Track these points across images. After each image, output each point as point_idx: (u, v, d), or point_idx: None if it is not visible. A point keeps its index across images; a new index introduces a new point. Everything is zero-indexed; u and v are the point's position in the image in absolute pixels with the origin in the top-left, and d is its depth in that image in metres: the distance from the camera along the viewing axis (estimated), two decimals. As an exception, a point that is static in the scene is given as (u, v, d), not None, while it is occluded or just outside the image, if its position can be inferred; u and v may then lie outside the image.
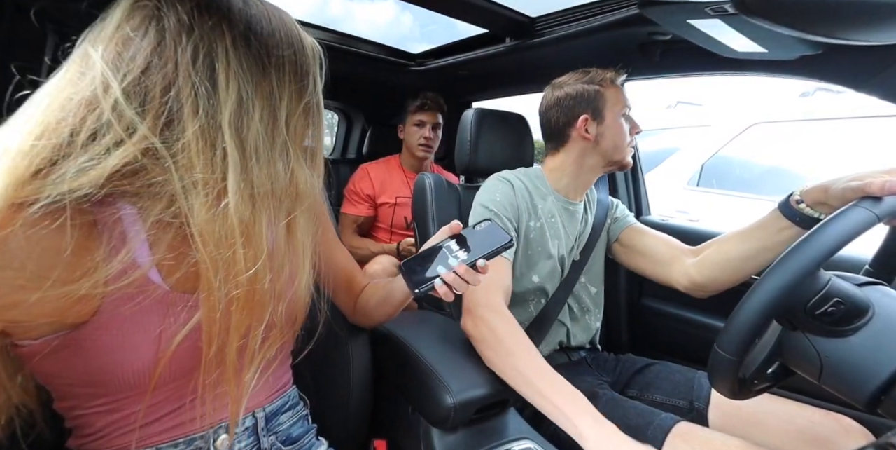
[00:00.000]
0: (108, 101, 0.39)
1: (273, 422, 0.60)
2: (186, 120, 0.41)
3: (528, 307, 1.02)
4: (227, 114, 0.42)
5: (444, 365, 0.75)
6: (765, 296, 0.53)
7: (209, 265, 0.42)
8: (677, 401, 0.92)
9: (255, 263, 0.44)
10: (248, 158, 0.44)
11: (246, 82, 0.43)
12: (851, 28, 0.62)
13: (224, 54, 0.42)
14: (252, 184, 0.44)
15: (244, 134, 0.43)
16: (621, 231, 1.09)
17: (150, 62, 0.40)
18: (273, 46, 0.46)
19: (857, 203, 0.56)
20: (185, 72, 0.41)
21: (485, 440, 0.71)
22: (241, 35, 0.43)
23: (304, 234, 0.52)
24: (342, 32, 1.56)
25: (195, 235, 0.41)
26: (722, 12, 0.71)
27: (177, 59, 0.40)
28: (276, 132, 0.46)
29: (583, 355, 1.08)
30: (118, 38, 0.41)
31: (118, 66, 0.40)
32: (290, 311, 0.54)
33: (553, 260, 1.00)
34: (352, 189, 1.83)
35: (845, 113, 2.27)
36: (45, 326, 0.41)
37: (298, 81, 0.48)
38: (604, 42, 1.13)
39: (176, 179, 0.40)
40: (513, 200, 0.97)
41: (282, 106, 0.47)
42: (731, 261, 0.83)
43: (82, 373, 0.44)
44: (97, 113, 0.39)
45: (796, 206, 0.72)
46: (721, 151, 2.67)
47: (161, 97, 0.40)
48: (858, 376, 0.51)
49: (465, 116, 1.18)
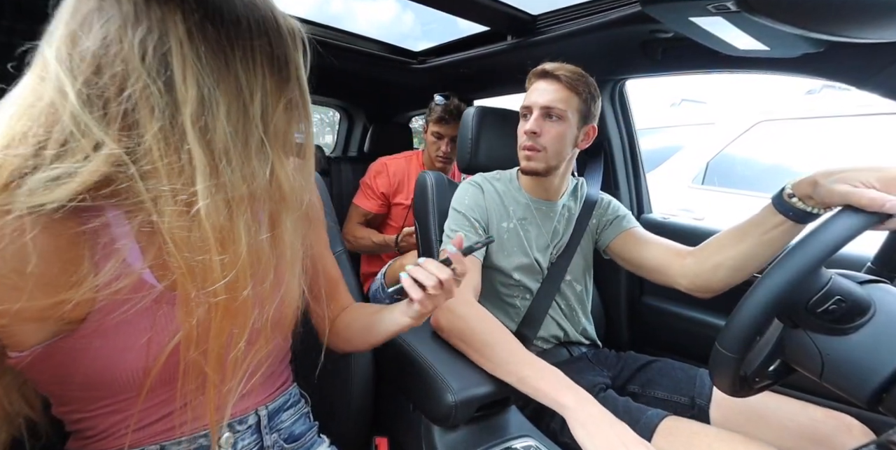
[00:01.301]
0: (67, 110, 0.36)
1: (275, 420, 0.60)
2: (144, 123, 0.37)
3: (516, 304, 1.04)
4: (188, 114, 0.38)
5: (445, 363, 0.75)
6: (766, 294, 0.53)
7: (185, 272, 0.40)
8: (679, 398, 0.92)
9: (233, 270, 0.42)
10: (218, 159, 0.40)
11: (206, 78, 0.39)
12: (854, 26, 0.62)
13: (178, 47, 0.38)
14: (225, 188, 0.41)
15: (210, 135, 0.40)
16: (616, 236, 1.06)
17: (100, 61, 0.37)
18: (238, 36, 0.41)
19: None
20: (135, 69, 0.37)
21: (486, 438, 0.71)
22: (198, 24, 0.39)
23: (291, 237, 0.49)
24: (343, 30, 1.55)
25: (168, 242, 0.39)
26: (724, 10, 0.70)
27: (125, 56, 0.37)
28: (249, 131, 0.42)
29: (583, 352, 1.09)
30: (66, 37, 0.37)
31: (71, 68, 0.37)
32: (277, 316, 0.51)
33: (530, 259, 1.02)
34: (367, 182, 1.79)
35: (852, 110, 2.25)
36: (37, 334, 0.40)
37: (276, 73, 0.44)
38: (605, 40, 1.13)
39: (142, 187, 0.38)
40: (481, 203, 1.01)
41: (254, 102, 0.43)
42: (729, 259, 0.82)
43: (81, 376, 0.43)
44: (61, 124, 0.36)
45: (788, 200, 0.71)
46: (726, 149, 2.65)
47: (116, 99, 0.37)
48: (860, 374, 0.51)
49: (466, 113, 1.18)
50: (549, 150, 0.96)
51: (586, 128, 0.99)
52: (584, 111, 0.97)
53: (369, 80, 1.90)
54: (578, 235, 1.06)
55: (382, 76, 1.84)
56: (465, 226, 0.97)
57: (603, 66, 1.26)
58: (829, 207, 0.66)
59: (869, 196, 0.54)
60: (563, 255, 1.05)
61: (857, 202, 0.55)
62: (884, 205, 0.53)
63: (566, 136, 0.96)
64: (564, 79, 0.94)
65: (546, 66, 0.97)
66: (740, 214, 0.81)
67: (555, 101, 0.94)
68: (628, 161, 1.48)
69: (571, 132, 0.97)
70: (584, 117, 0.97)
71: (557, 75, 0.94)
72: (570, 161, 1.03)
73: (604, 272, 1.30)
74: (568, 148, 0.98)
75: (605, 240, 1.08)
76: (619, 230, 1.06)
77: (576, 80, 0.94)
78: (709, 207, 2.46)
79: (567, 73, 0.94)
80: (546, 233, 1.05)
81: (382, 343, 0.66)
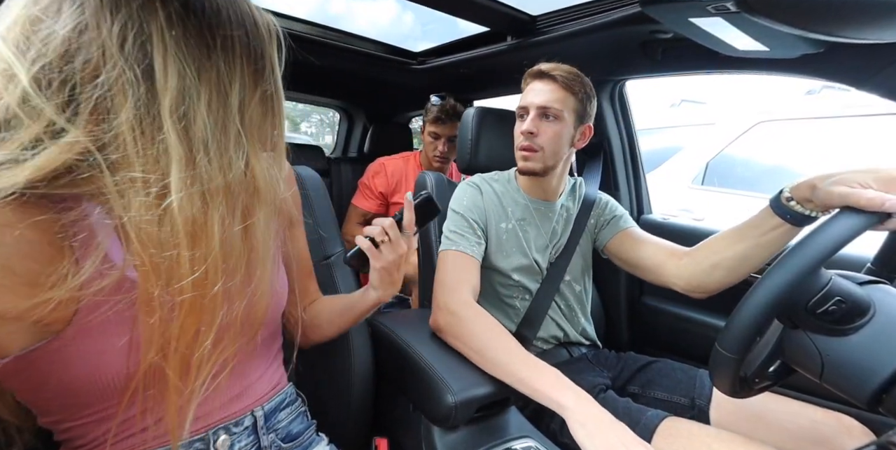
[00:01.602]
0: (15, 93, 0.35)
1: (272, 420, 0.60)
2: (118, 111, 0.36)
3: (515, 305, 1.04)
4: (166, 103, 0.38)
5: (445, 364, 0.75)
6: (766, 294, 0.53)
7: (149, 270, 0.38)
8: (679, 398, 0.92)
9: (203, 266, 0.40)
10: (196, 151, 0.40)
11: (187, 67, 0.39)
12: (853, 26, 0.62)
13: (159, 35, 0.38)
14: (201, 179, 0.40)
15: (189, 125, 0.39)
16: (613, 236, 1.06)
17: (70, 47, 0.36)
18: (219, 25, 0.41)
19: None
20: (112, 56, 0.36)
21: (486, 439, 0.71)
22: (178, 12, 0.39)
23: (263, 231, 0.48)
24: (343, 31, 1.55)
25: (133, 237, 0.38)
26: (724, 11, 0.71)
27: (102, 42, 0.36)
28: (227, 122, 0.42)
29: (583, 352, 1.09)
30: (24, 20, 0.36)
31: (24, 52, 0.35)
32: (247, 312, 0.49)
33: (529, 259, 1.02)
34: (365, 182, 1.81)
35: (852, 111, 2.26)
36: (20, 339, 0.39)
37: (252, 64, 0.44)
38: (605, 40, 1.13)
39: (108, 177, 0.37)
40: (479, 204, 1.01)
41: (233, 92, 0.42)
42: (725, 260, 0.82)
43: (65, 383, 0.41)
44: (2, 106, 0.35)
45: (786, 203, 0.71)
46: (726, 150, 2.65)
47: (88, 85, 0.36)
48: (859, 375, 0.51)
49: (466, 114, 1.18)
50: (546, 150, 0.96)
51: (582, 128, 0.99)
52: (580, 111, 0.97)
53: (369, 80, 1.90)
54: (577, 235, 1.06)
55: (382, 77, 1.84)
56: (463, 227, 0.97)
57: (603, 66, 1.26)
58: (828, 209, 0.66)
59: (868, 196, 0.54)
60: (561, 255, 1.05)
61: (856, 202, 0.55)
62: (883, 204, 0.53)
63: (563, 136, 0.96)
64: (560, 79, 0.94)
65: (542, 66, 0.97)
66: (740, 214, 0.81)
67: (551, 101, 0.94)
68: (628, 162, 1.48)
69: (568, 132, 0.97)
70: (580, 117, 0.98)
71: (553, 75, 0.94)
72: (567, 161, 1.04)
73: (603, 273, 1.30)
74: (565, 148, 0.98)
75: (602, 240, 1.08)
76: (616, 230, 1.06)
77: (571, 80, 0.95)
78: (708, 208, 2.46)
79: (563, 73, 0.95)
80: (545, 233, 1.05)
81: (356, 324, 0.70)
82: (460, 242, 0.93)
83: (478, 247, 0.95)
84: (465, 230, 0.96)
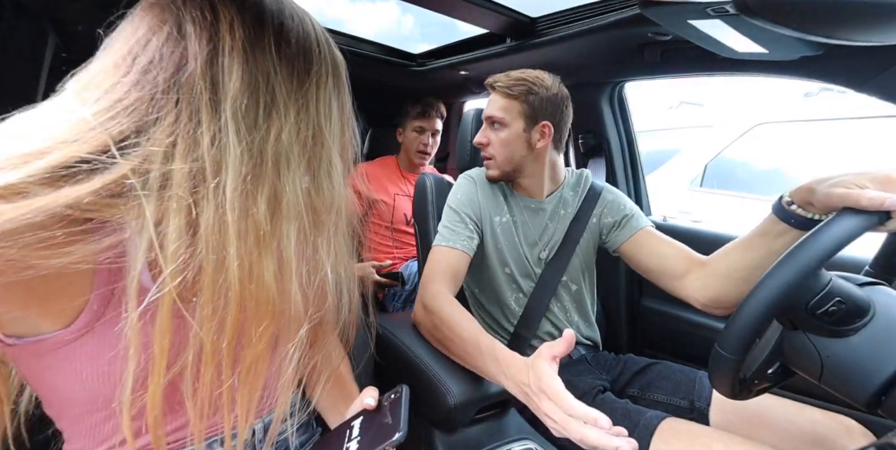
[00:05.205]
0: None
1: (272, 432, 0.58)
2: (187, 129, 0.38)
3: (510, 304, 1.04)
4: (274, 130, 0.42)
5: (445, 366, 0.75)
6: (766, 295, 0.53)
7: (210, 273, 0.38)
8: (678, 400, 0.92)
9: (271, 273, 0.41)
10: (280, 167, 0.42)
11: (288, 99, 0.44)
12: (852, 29, 0.62)
13: (269, 73, 0.42)
14: (279, 194, 0.42)
15: (278, 147, 0.42)
16: (629, 238, 1.01)
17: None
18: (314, 62, 0.46)
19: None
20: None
21: (486, 441, 0.71)
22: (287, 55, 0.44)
23: (325, 253, 0.49)
24: (343, 33, 1.56)
25: (203, 238, 0.38)
26: (723, 13, 0.71)
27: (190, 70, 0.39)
28: (319, 145, 0.47)
29: (583, 353, 1.09)
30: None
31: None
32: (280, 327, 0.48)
33: (521, 256, 1.03)
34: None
35: (850, 113, 2.26)
36: (16, 324, 0.38)
37: (338, 96, 0.51)
38: (604, 42, 1.13)
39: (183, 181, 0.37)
40: (474, 197, 1.02)
41: (324, 121, 0.48)
42: (739, 271, 0.79)
43: (84, 381, 0.41)
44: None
45: (788, 207, 0.70)
46: (724, 152, 2.66)
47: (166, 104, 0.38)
48: (859, 376, 0.51)
49: (465, 115, 1.18)
50: (497, 157, 1.00)
51: (538, 127, 0.98)
52: (528, 112, 0.97)
53: (368, 82, 1.91)
54: (575, 233, 1.05)
55: (382, 79, 1.84)
56: (455, 221, 0.97)
57: (602, 68, 1.27)
58: (829, 212, 0.66)
59: (868, 196, 0.54)
60: (557, 254, 1.05)
61: (856, 203, 0.55)
62: (883, 203, 0.52)
63: (510, 141, 0.99)
64: (500, 88, 0.98)
65: (489, 79, 1.01)
66: (739, 215, 0.81)
67: (494, 111, 0.99)
68: (627, 163, 1.48)
69: (518, 136, 0.98)
70: (530, 118, 0.98)
71: (495, 86, 0.99)
72: (540, 162, 1.02)
73: (603, 274, 1.30)
74: (519, 151, 0.99)
75: (617, 241, 1.03)
76: (632, 231, 1.01)
77: (513, 86, 0.96)
78: (707, 210, 2.47)
79: (504, 81, 0.97)
80: (535, 231, 1.05)
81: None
82: (450, 237, 0.95)
83: (469, 241, 0.95)
84: (456, 225, 0.97)
